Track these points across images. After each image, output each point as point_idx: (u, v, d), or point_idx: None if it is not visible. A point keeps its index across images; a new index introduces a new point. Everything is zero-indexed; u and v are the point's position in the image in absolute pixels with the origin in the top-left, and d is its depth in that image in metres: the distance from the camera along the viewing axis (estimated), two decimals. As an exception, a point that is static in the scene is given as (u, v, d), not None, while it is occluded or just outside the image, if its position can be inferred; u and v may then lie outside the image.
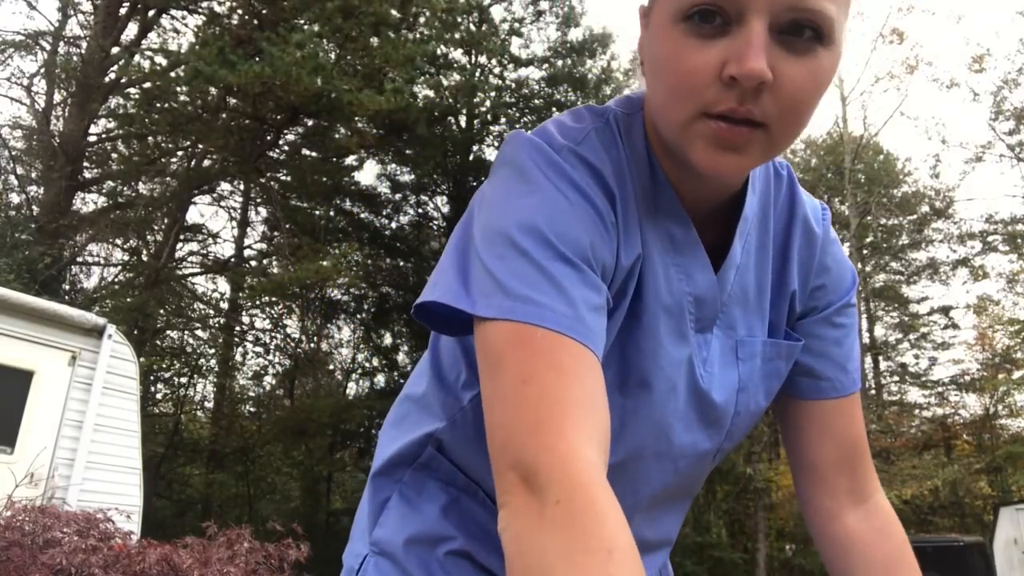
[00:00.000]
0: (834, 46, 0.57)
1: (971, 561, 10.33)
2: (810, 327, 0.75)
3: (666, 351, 0.67)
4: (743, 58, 0.54)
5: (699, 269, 0.68)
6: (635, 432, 0.68)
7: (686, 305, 0.67)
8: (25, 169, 12.73)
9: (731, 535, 19.42)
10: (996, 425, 20.23)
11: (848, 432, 0.75)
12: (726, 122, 0.56)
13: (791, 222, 0.74)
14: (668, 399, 0.68)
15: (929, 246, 22.31)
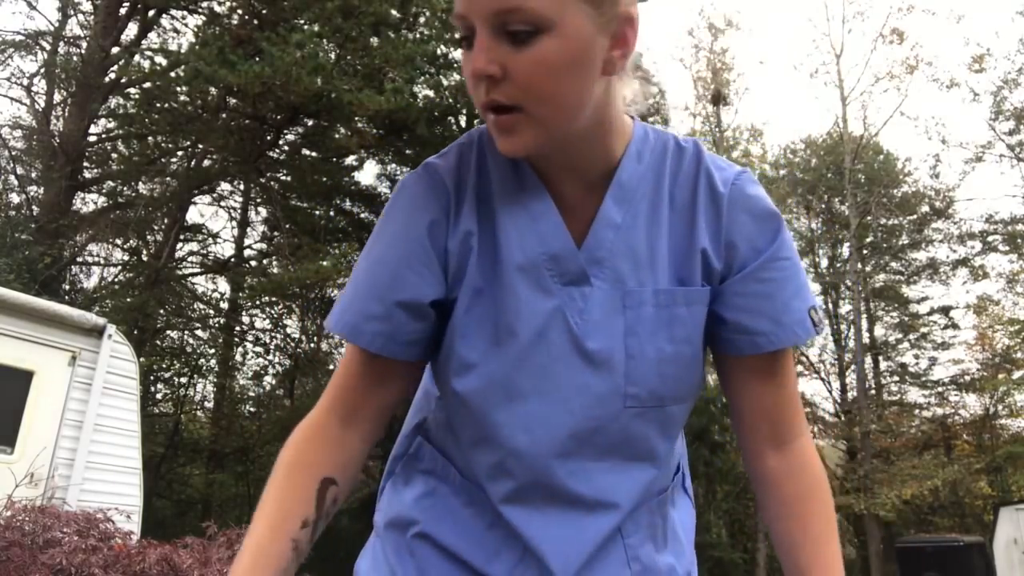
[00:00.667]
0: (558, 29, 0.66)
1: (971, 561, 10.34)
2: (737, 285, 0.79)
3: (527, 304, 0.77)
4: (473, 61, 0.68)
5: (552, 232, 0.78)
6: (516, 376, 0.78)
7: (542, 263, 0.77)
8: (25, 169, 12.73)
9: (731, 535, 19.41)
10: (996, 425, 20.23)
11: (778, 384, 0.82)
12: (492, 112, 0.70)
13: (696, 188, 0.80)
14: (538, 344, 0.77)
15: (929, 246, 22.32)
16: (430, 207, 0.79)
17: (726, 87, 22.01)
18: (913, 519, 19.23)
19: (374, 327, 0.77)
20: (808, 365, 22.96)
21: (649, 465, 0.81)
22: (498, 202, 0.79)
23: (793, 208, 23.69)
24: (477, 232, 0.79)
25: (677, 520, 0.88)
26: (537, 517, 0.79)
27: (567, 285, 0.77)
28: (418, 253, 0.78)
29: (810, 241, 23.90)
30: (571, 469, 0.78)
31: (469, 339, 0.79)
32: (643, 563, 0.81)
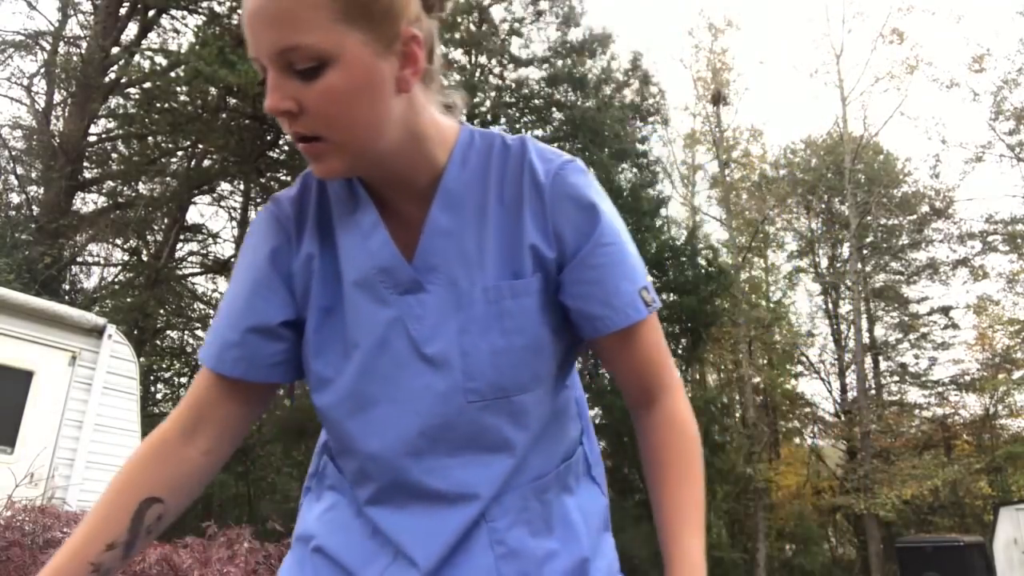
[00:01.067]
0: (340, 60, 0.70)
1: (971, 561, 10.33)
2: (571, 274, 0.83)
3: (366, 317, 0.82)
4: (267, 99, 0.72)
5: (380, 244, 0.82)
6: (364, 386, 0.83)
7: (374, 277, 0.82)
8: (25, 169, 12.72)
9: (731, 535, 19.40)
10: (996, 425, 20.23)
11: (634, 356, 0.87)
12: (300, 143, 0.75)
13: (521, 183, 0.83)
14: (381, 353, 0.82)
15: (929, 246, 22.32)
16: (271, 237, 0.86)
17: (726, 87, 22.01)
18: (913, 519, 19.22)
19: (234, 354, 0.84)
20: (808, 365, 22.98)
21: (507, 455, 0.83)
22: (337, 223, 0.85)
23: (793, 208, 23.69)
24: (318, 254, 0.85)
25: (573, 507, 0.89)
26: (399, 515, 0.83)
27: (403, 295, 0.82)
28: (263, 280, 0.85)
29: (810, 241, 23.90)
30: (427, 467, 0.82)
31: (323, 356, 0.84)
32: (509, 546, 0.83)
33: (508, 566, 0.83)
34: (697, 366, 20.54)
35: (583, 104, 15.55)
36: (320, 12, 0.69)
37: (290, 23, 0.69)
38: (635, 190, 15.53)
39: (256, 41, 0.71)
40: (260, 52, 0.71)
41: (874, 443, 18.79)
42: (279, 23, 0.69)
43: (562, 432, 0.91)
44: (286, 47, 0.69)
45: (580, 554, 0.87)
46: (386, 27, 0.72)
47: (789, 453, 22.62)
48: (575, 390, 0.96)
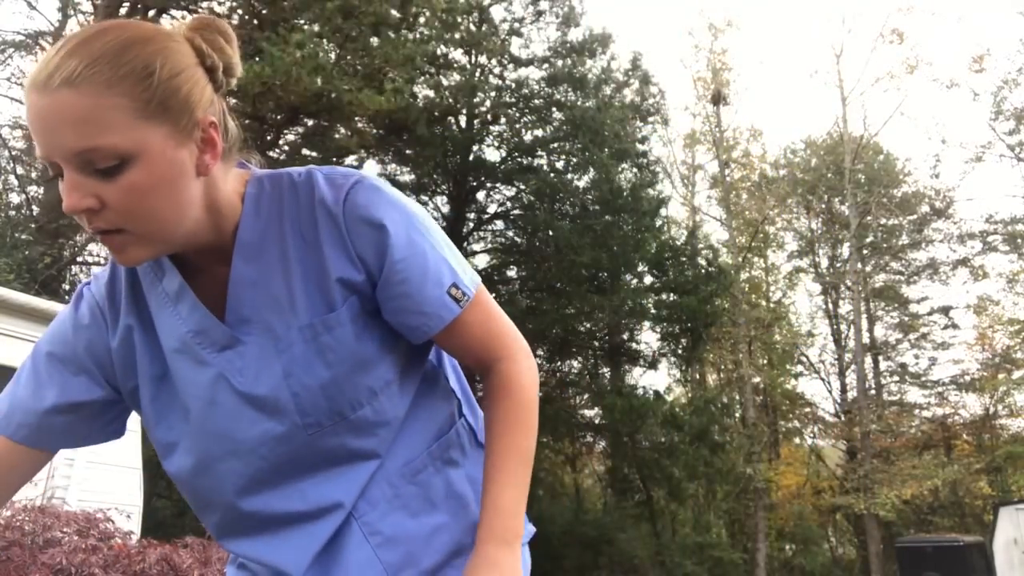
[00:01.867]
0: (141, 157, 0.71)
1: (971, 561, 10.33)
2: (382, 292, 0.86)
3: (190, 380, 0.84)
4: (66, 199, 0.71)
5: (189, 308, 0.84)
6: (199, 445, 0.86)
7: (189, 340, 0.84)
8: (25, 169, 12.72)
9: (731, 535, 19.40)
10: (996, 425, 20.23)
11: (464, 342, 0.90)
12: (101, 235, 0.74)
13: (315, 216, 0.85)
14: (211, 412, 0.84)
15: (929, 246, 22.32)
16: (86, 324, 0.89)
17: (726, 87, 22.00)
18: (913, 519, 19.22)
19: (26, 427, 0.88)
20: (808, 365, 22.98)
21: (361, 461, 0.87)
22: (149, 296, 0.87)
23: (793, 208, 23.69)
24: (137, 326, 0.87)
25: (460, 477, 0.93)
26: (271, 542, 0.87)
27: (222, 351, 0.83)
28: (71, 360, 0.89)
29: (810, 241, 23.90)
30: (285, 495, 0.86)
31: (163, 423, 0.87)
32: (386, 534, 0.87)
33: (389, 552, 0.86)
34: (697, 366, 20.54)
35: (583, 104, 15.54)
36: (119, 113, 0.69)
37: (90, 125, 0.68)
38: (635, 190, 15.52)
39: (49, 142, 0.70)
40: (53, 153, 0.70)
41: (874, 443, 18.78)
42: (77, 125, 0.68)
43: (428, 416, 0.93)
44: (85, 148, 0.69)
45: (471, 519, 0.90)
46: (185, 118, 0.74)
47: (789, 453, 22.62)
48: (443, 368, 0.98)
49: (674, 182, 22.92)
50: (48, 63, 0.70)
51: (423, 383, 0.94)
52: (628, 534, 15.43)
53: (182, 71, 0.74)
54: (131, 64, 0.71)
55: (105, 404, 0.89)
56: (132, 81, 0.70)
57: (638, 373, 18.66)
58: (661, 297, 16.45)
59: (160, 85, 0.72)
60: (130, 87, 0.70)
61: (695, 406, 16.82)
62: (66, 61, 0.69)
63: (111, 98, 0.69)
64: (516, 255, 17.36)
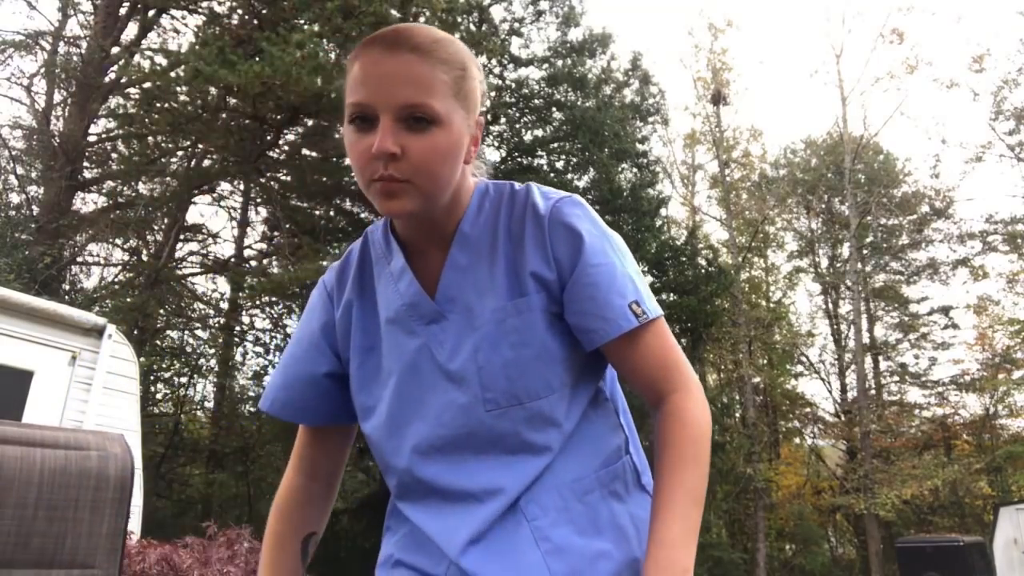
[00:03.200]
0: (446, 125, 0.87)
1: (971, 561, 10.33)
2: (569, 293, 0.95)
3: (398, 347, 0.98)
4: (379, 142, 0.84)
5: (407, 284, 0.98)
6: (394, 408, 0.97)
7: (402, 312, 0.97)
8: (25, 169, 12.72)
9: (731, 535, 19.39)
10: (996, 425, 20.22)
11: (637, 361, 0.95)
12: (382, 181, 0.86)
13: (524, 219, 0.97)
14: (411, 377, 0.96)
15: (929, 246, 22.31)
16: (320, 309, 1.07)
17: (726, 87, 22.00)
18: (913, 519, 19.22)
19: (281, 399, 1.07)
20: (808, 365, 22.98)
21: (531, 455, 0.93)
22: (377, 277, 1.02)
23: (793, 208, 23.69)
24: (357, 302, 1.03)
25: (622, 512, 0.96)
26: (433, 512, 0.95)
27: (428, 325, 0.96)
28: (312, 341, 1.06)
29: (810, 241, 23.90)
30: (454, 469, 0.94)
31: (365, 389, 1.01)
32: (555, 543, 0.90)
33: (557, 562, 0.90)
34: (697, 366, 20.53)
35: (583, 104, 15.54)
36: (443, 86, 0.87)
37: (424, 86, 0.85)
38: (635, 190, 15.52)
39: (382, 92, 0.85)
40: (380, 101, 0.85)
41: (874, 443, 18.78)
42: (415, 83, 0.85)
43: (597, 438, 0.99)
44: (416, 103, 0.85)
45: (631, 555, 0.93)
46: (473, 111, 0.93)
47: (789, 453, 22.62)
48: (616, 403, 1.05)
49: (674, 182, 22.94)
50: (396, 31, 0.88)
51: (594, 405, 1.00)
52: (628, 534, 15.38)
53: (477, 78, 0.94)
54: (457, 56, 0.90)
55: (341, 376, 1.04)
56: (455, 68, 0.89)
57: (638, 373, 18.62)
58: (661, 297, 16.44)
59: (468, 80, 0.91)
60: (453, 71, 0.88)
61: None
62: (413, 34, 0.87)
63: (441, 73, 0.87)
64: (516, 255, 17.33)
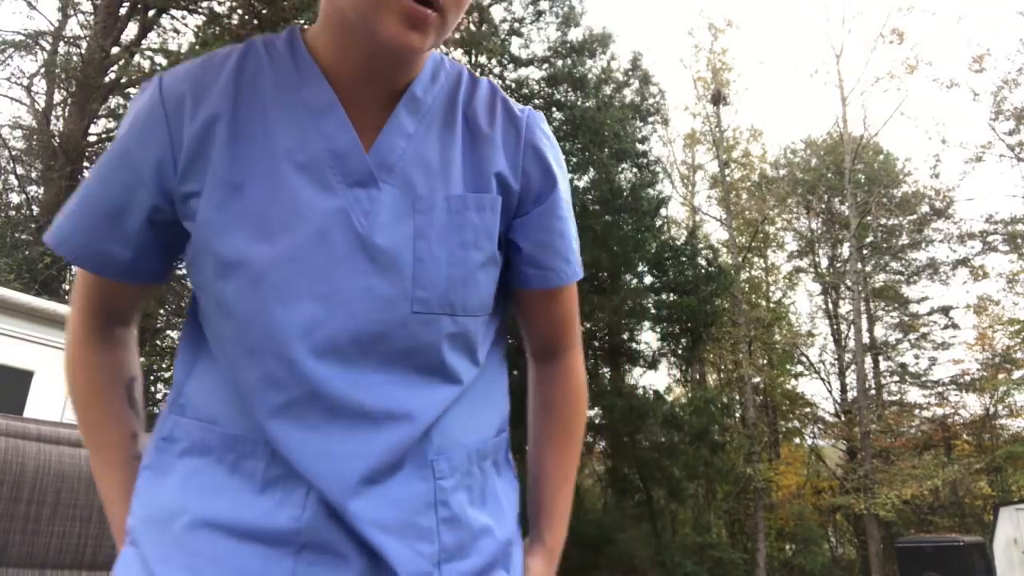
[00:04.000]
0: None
1: (971, 561, 10.33)
2: (535, 220, 0.83)
3: (306, 202, 0.74)
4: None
5: (337, 129, 0.76)
6: (289, 276, 0.73)
7: (324, 160, 0.75)
8: (25, 169, 12.72)
9: (731, 535, 19.40)
10: (996, 425, 20.22)
11: (557, 312, 0.89)
12: (419, 5, 0.69)
13: (493, 111, 0.84)
14: (319, 244, 0.73)
15: (929, 246, 22.33)
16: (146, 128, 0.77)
17: (726, 87, 22.00)
18: (913, 519, 19.23)
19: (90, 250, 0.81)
20: (808, 365, 22.98)
21: (444, 382, 0.77)
22: (269, 97, 0.77)
23: (793, 208, 23.69)
24: (226, 119, 0.76)
25: (500, 486, 0.84)
26: (310, 436, 0.71)
27: (352, 186, 0.75)
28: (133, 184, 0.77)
29: (810, 241, 23.90)
30: (353, 378, 0.72)
31: (228, 238, 0.73)
32: (452, 511, 0.76)
33: (448, 534, 0.75)
34: (697, 366, 20.54)
35: (583, 104, 15.55)
36: None
37: None
38: (635, 190, 15.53)
39: None
40: None
41: (874, 443, 18.79)
42: None
43: (498, 398, 0.87)
44: None
45: (506, 535, 0.82)
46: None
47: (789, 453, 22.63)
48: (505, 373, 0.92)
49: (674, 182, 22.94)
50: None
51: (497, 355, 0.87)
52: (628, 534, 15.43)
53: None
54: None
55: (168, 221, 0.78)
56: None
57: (638, 373, 18.65)
58: (661, 297, 16.45)
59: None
60: None
61: (695, 406, 16.82)
62: None
63: None
64: (516, 255, 17.35)
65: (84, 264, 0.82)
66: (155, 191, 0.76)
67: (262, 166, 0.75)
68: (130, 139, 0.77)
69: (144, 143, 0.76)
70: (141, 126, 0.77)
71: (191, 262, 0.78)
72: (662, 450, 15.64)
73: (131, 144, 0.77)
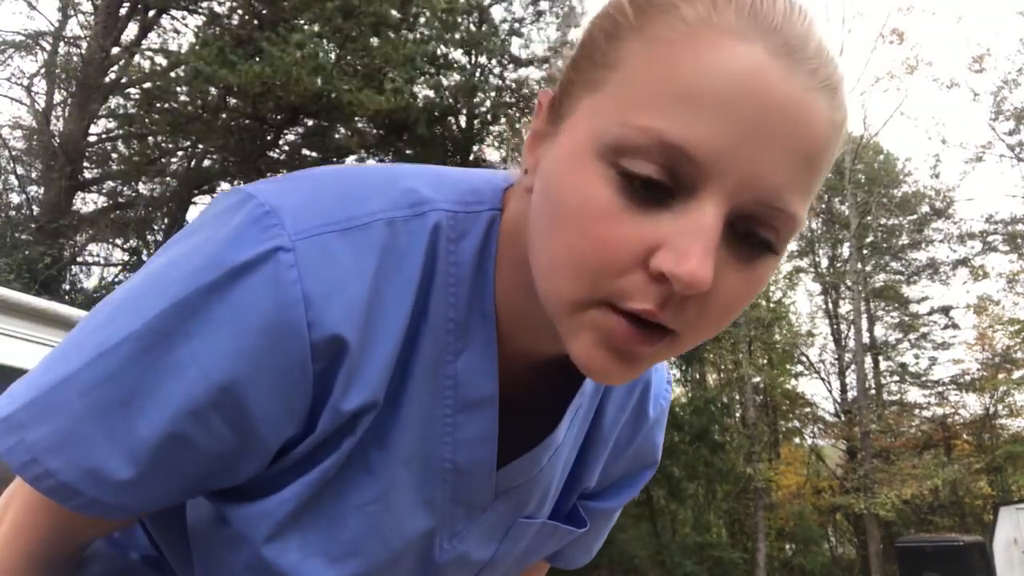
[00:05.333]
0: (780, 255, 0.46)
1: (971, 561, 10.33)
2: (588, 508, 0.70)
3: (397, 522, 0.55)
4: (686, 255, 0.40)
5: (479, 439, 0.55)
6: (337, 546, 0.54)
7: (439, 473, 0.55)
8: (25, 169, 12.73)
9: (731, 535, 19.40)
10: (996, 425, 20.22)
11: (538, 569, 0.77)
12: (633, 323, 0.44)
13: (626, 402, 0.65)
14: (384, 570, 0.56)
15: (929, 246, 22.32)
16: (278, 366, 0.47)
17: (726, 87, 21.99)
18: (913, 519, 19.22)
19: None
20: (808, 365, 22.98)
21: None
22: (418, 363, 0.53)
23: (793, 208, 23.67)
24: (383, 404, 0.52)
25: None
26: None
27: (456, 505, 0.57)
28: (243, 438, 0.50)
29: (810, 241, 23.90)
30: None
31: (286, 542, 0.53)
32: None
33: None
34: (697, 366, 20.55)
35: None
36: (821, 179, 0.44)
37: (813, 172, 0.43)
38: (635, 190, 15.52)
39: (750, 152, 0.40)
40: (737, 168, 0.41)
41: (874, 443, 18.78)
42: (808, 164, 0.42)
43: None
44: (784, 205, 0.42)
45: None
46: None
47: (789, 453, 22.63)
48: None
49: (674, 182, 22.92)
50: (810, 26, 0.43)
51: None
52: (628, 534, 15.44)
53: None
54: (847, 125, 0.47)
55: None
56: (839, 148, 0.45)
57: (638, 373, 18.66)
58: (661, 297, 16.43)
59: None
60: (836, 155, 0.45)
61: (695, 406, 16.83)
62: (830, 47, 0.43)
63: (834, 151, 0.44)
64: (516, 255, 17.36)
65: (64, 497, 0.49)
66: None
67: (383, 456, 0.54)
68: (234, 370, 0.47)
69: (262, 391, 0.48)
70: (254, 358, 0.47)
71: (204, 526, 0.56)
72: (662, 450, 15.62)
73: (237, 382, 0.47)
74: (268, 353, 0.46)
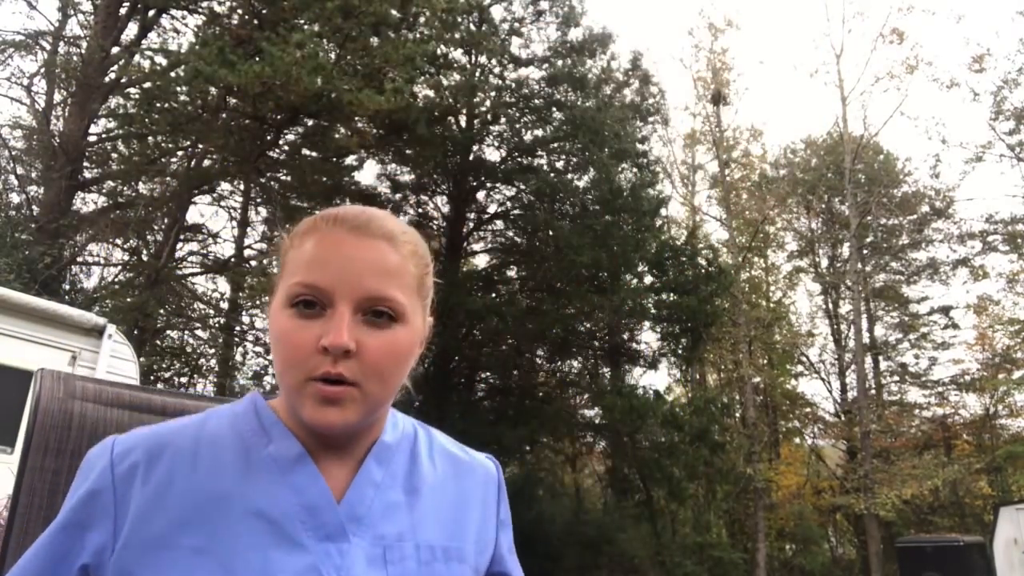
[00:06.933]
0: (409, 324, 0.77)
1: (971, 561, 10.34)
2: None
3: (275, 561, 0.73)
4: (332, 333, 0.72)
5: (308, 479, 0.77)
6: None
7: (296, 515, 0.75)
8: (25, 169, 12.71)
9: (731, 535, 19.40)
10: (996, 425, 20.22)
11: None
12: (325, 383, 0.72)
13: (454, 465, 0.90)
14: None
15: (929, 246, 22.33)
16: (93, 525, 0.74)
17: (726, 87, 22.00)
18: (913, 519, 19.21)
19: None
20: (808, 365, 22.98)
21: None
22: (231, 457, 0.77)
23: (793, 208, 23.70)
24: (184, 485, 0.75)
25: None
26: None
27: (323, 541, 0.75)
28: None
29: (810, 241, 23.90)
30: None
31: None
32: None
33: None
34: (697, 366, 20.54)
35: (583, 104, 15.54)
36: (410, 279, 0.79)
37: (393, 278, 0.77)
38: (635, 190, 15.51)
39: (344, 278, 0.74)
40: (341, 287, 0.74)
41: (874, 443, 18.78)
42: (385, 275, 0.76)
43: None
44: (383, 296, 0.75)
45: None
46: (426, 310, 0.83)
47: (789, 453, 22.63)
48: None
49: (674, 182, 22.96)
50: (365, 213, 0.79)
51: None
52: (628, 534, 15.45)
53: (431, 272, 0.84)
54: (424, 249, 0.83)
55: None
56: (423, 262, 0.81)
57: (638, 373, 18.68)
58: (661, 297, 16.44)
59: (429, 277, 0.83)
60: (421, 266, 0.81)
61: (695, 406, 16.82)
62: (384, 220, 0.79)
63: (410, 266, 0.79)
64: (516, 255, 17.36)
65: None
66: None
67: (222, 524, 0.73)
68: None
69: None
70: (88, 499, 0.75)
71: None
72: (662, 450, 15.64)
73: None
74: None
